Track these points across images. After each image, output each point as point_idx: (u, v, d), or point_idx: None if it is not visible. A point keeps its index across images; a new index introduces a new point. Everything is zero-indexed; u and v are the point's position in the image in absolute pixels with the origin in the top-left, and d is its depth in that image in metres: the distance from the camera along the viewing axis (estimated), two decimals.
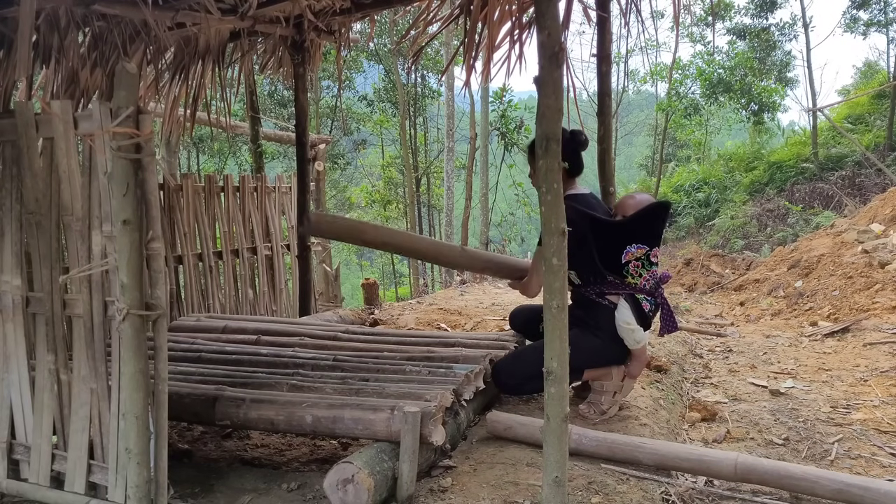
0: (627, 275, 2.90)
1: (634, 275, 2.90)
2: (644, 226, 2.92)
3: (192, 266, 4.81)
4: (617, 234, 2.90)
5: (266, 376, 2.94)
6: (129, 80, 1.95)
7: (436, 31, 4.69)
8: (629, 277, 2.90)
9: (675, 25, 4.14)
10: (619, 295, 2.92)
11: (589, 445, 2.60)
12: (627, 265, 2.89)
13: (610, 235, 2.90)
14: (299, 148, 5.16)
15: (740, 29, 18.39)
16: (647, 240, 2.91)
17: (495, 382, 3.06)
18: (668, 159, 21.39)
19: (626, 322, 2.89)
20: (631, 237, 2.89)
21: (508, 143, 14.72)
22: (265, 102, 15.64)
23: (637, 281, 2.91)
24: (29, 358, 2.33)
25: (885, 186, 11.81)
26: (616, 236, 2.90)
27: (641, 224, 2.91)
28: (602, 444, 2.60)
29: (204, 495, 2.43)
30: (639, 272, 2.91)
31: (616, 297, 2.93)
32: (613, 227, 2.92)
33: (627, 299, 2.91)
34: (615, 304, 2.92)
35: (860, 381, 3.90)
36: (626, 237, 2.89)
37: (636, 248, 2.89)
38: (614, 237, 2.90)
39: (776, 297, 6.89)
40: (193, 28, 4.39)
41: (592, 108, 4.65)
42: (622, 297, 2.92)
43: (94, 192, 2.08)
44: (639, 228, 2.91)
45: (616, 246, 2.89)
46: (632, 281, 2.91)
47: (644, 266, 2.92)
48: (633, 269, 2.89)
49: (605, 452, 2.58)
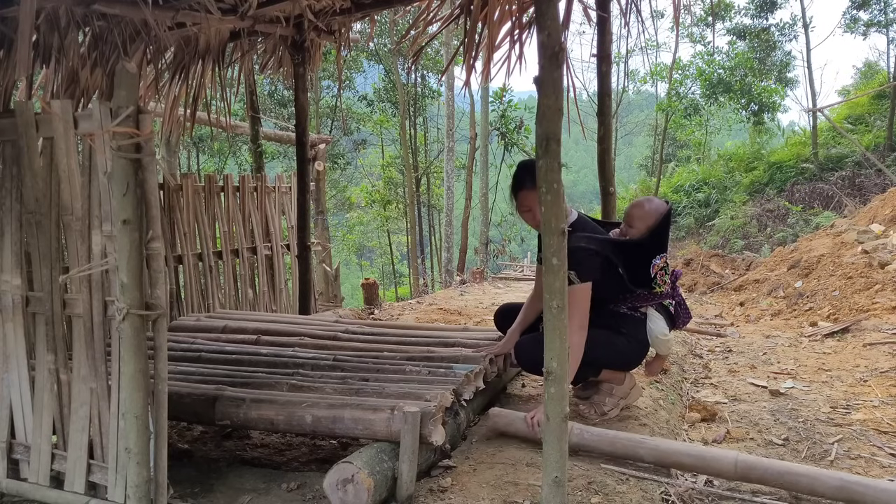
0: (656, 285, 2.92)
1: (661, 283, 2.93)
2: (661, 236, 2.93)
3: (192, 266, 4.80)
4: (641, 251, 2.90)
5: (266, 376, 2.94)
6: (129, 80, 1.95)
7: (436, 31, 4.69)
8: (657, 287, 2.93)
9: (675, 25, 4.15)
10: (649, 306, 2.97)
11: (591, 440, 2.62)
12: (655, 277, 2.91)
13: (634, 254, 2.89)
14: (299, 148, 5.16)
15: (740, 29, 18.40)
16: (663, 249, 2.94)
17: (516, 359, 3.07)
18: (668, 159, 21.40)
19: (664, 334, 2.96)
20: (654, 251, 2.90)
21: (508, 143, 14.73)
22: (265, 102, 15.65)
23: (663, 289, 2.95)
24: (29, 357, 2.33)
25: (885, 187, 11.81)
26: (641, 254, 2.89)
27: (659, 235, 2.92)
28: (603, 438, 2.61)
29: (204, 495, 2.42)
30: (663, 279, 2.94)
31: (645, 309, 2.97)
32: (636, 247, 2.90)
33: (659, 310, 2.96)
34: (645, 315, 2.97)
35: (860, 381, 3.90)
36: (650, 252, 2.90)
37: (660, 259, 2.90)
38: (639, 255, 2.89)
39: (776, 297, 6.89)
40: (193, 28, 4.39)
41: (592, 108, 4.66)
42: (651, 308, 2.97)
43: (94, 191, 2.08)
44: (658, 240, 2.92)
45: (643, 262, 2.89)
46: (659, 290, 2.94)
47: (666, 273, 2.95)
48: (659, 280, 2.92)
49: (607, 447, 2.59)
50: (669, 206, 2.98)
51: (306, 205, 5.21)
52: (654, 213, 2.90)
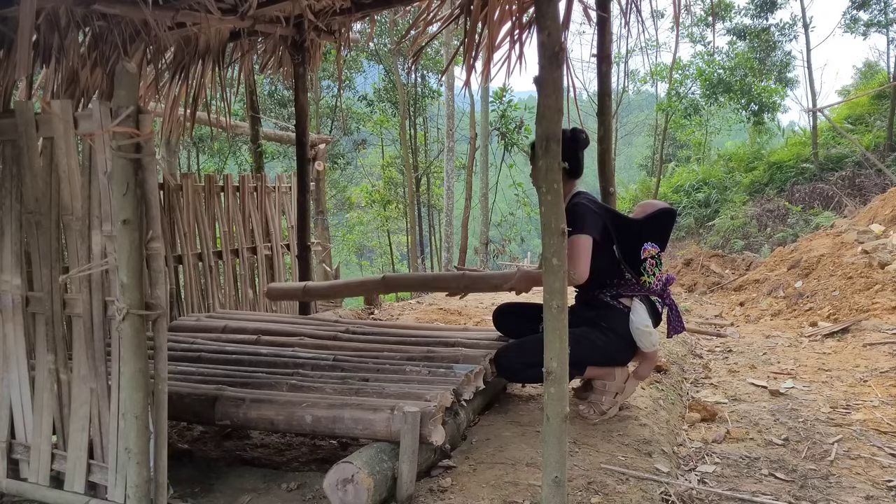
0: (644, 272, 2.94)
1: (650, 272, 2.95)
2: (657, 226, 2.99)
3: (192, 266, 4.80)
4: (635, 230, 2.97)
5: (266, 376, 2.94)
6: (129, 80, 1.95)
7: (436, 31, 4.69)
8: (645, 275, 2.95)
9: (676, 25, 4.14)
10: (633, 297, 2.95)
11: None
12: (644, 262, 2.94)
13: (629, 231, 2.97)
14: (299, 148, 5.16)
15: (740, 29, 18.41)
16: (658, 241, 2.98)
17: (495, 365, 3.06)
18: (668, 159, 21.40)
19: (645, 325, 2.91)
20: (647, 235, 2.96)
21: (508, 143, 14.73)
22: (265, 102, 15.65)
23: (651, 280, 2.96)
24: (29, 357, 2.33)
25: (885, 187, 11.81)
26: (634, 233, 2.97)
27: (656, 224, 2.99)
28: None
29: (204, 495, 2.42)
30: (653, 270, 2.95)
31: (629, 300, 2.95)
32: (632, 223, 3.00)
33: (643, 301, 2.95)
34: (628, 308, 2.94)
35: (860, 381, 3.90)
36: (643, 234, 2.96)
37: (651, 246, 2.95)
38: (633, 233, 2.97)
39: (776, 297, 6.89)
40: (193, 28, 4.39)
41: (592, 108, 4.66)
42: (636, 299, 2.95)
43: (94, 191, 2.08)
44: (653, 228, 2.98)
45: (634, 242, 2.96)
46: (647, 280, 2.95)
47: (657, 265, 2.97)
48: (649, 267, 2.94)
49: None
50: (674, 209, 3.09)
51: (306, 205, 5.21)
52: (657, 205, 3.05)
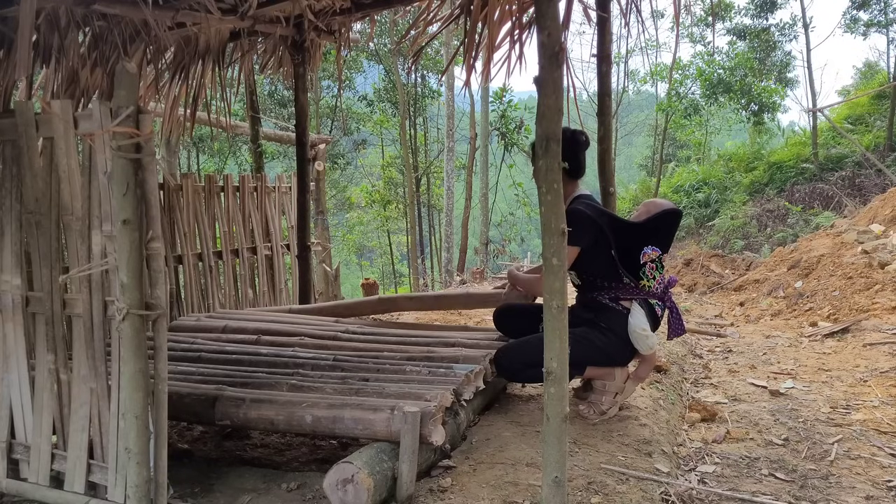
0: (643, 276, 2.90)
1: (650, 276, 2.90)
2: (661, 228, 2.94)
3: (192, 266, 4.80)
4: (635, 234, 2.92)
5: (266, 376, 2.94)
6: (129, 80, 1.95)
7: (436, 31, 4.69)
8: (644, 280, 2.91)
9: (676, 25, 4.15)
10: (632, 300, 2.93)
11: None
12: (644, 266, 2.90)
13: (628, 235, 2.91)
14: (299, 148, 5.16)
15: (740, 29, 18.41)
16: (660, 243, 2.94)
17: (495, 365, 3.05)
18: (668, 159, 21.40)
19: (643, 328, 2.88)
20: (648, 238, 2.91)
21: (508, 143, 14.73)
22: (265, 102, 15.65)
23: (651, 284, 2.91)
24: (29, 357, 2.33)
25: (885, 187, 11.81)
26: (634, 236, 2.91)
27: (658, 227, 2.93)
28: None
29: (204, 495, 2.42)
30: (653, 274, 2.91)
31: (629, 303, 2.93)
32: (631, 227, 2.94)
33: (642, 304, 2.92)
34: (628, 310, 2.92)
35: (860, 381, 3.90)
36: (643, 238, 2.91)
37: (651, 250, 2.90)
38: (632, 237, 2.91)
39: (776, 297, 6.89)
40: (193, 28, 4.39)
41: (592, 108, 4.66)
42: (635, 303, 2.92)
43: (94, 191, 2.08)
44: (656, 230, 2.92)
45: (634, 246, 2.91)
46: (646, 284, 2.91)
47: (658, 269, 2.93)
48: (648, 272, 2.90)
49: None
50: (679, 210, 3.02)
51: (306, 205, 5.21)
52: (661, 205, 2.97)
